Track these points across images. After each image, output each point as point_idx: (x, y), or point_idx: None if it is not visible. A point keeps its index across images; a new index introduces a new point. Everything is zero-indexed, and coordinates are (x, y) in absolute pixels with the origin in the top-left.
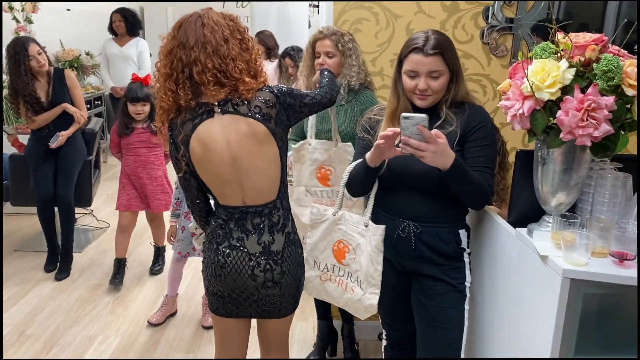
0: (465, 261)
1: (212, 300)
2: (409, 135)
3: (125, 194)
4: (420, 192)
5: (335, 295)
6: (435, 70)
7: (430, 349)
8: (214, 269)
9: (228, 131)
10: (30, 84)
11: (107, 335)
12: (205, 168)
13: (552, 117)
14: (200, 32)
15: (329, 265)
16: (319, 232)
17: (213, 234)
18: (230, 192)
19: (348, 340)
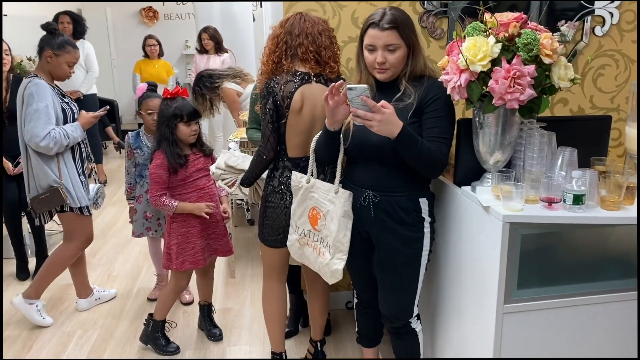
0: (425, 231)
1: (276, 239)
2: (356, 106)
3: (190, 247)
4: (378, 162)
5: (312, 260)
6: (391, 44)
7: (387, 309)
8: (289, 211)
9: (317, 95)
10: None
11: (85, 329)
12: (297, 118)
13: (485, 87)
14: (304, 25)
15: (305, 230)
16: (297, 198)
17: (282, 184)
18: (301, 143)
19: None
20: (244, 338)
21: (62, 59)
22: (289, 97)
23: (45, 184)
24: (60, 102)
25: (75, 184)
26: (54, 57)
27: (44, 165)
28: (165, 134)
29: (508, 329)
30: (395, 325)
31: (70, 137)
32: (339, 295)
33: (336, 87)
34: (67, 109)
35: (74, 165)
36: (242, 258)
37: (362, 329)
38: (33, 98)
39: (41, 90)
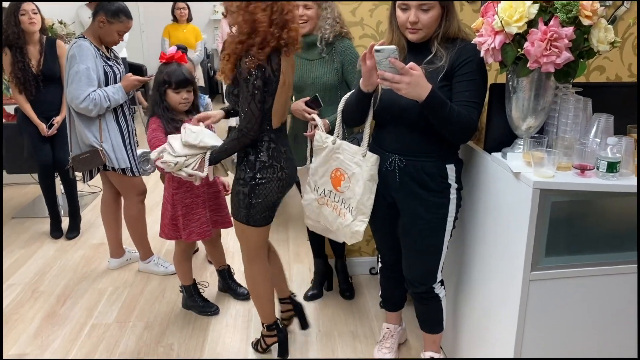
0: (451, 197)
1: (265, 216)
2: (384, 69)
3: (196, 218)
4: (405, 126)
5: (330, 219)
6: (425, 3)
7: (411, 274)
8: (281, 183)
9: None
10: (22, 38)
11: (116, 287)
12: (281, 92)
13: (519, 49)
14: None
15: (326, 190)
16: (320, 158)
17: (272, 157)
18: (283, 112)
19: (342, 275)
20: None
21: (114, 27)
22: (278, 70)
23: (86, 144)
24: (103, 65)
25: (116, 146)
26: (106, 24)
27: (85, 126)
28: (155, 99)
29: (534, 297)
30: (418, 290)
31: (112, 99)
32: (363, 261)
33: (371, 49)
34: (110, 72)
35: (115, 127)
36: None
37: (385, 293)
38: (75, 60)
39: (83, 52)
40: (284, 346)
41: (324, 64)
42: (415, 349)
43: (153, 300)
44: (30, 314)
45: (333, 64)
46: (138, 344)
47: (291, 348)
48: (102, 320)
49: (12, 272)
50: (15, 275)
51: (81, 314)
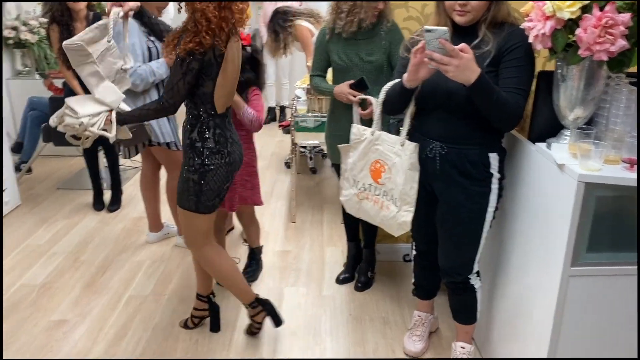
0: (492, 187)
1: (213, 203)
2: (432, 50)
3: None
4: (449, 112)
5: (372, 214)
6: None
7: (446, 263)
8: (229, 168)
9: (238, 47)
10: (67, 14)
11: (154, 260)
12: (225, 78)
13: (571, 35)
14: None
15: (366, 184)
16: (357, 151)
17: (218, 143)
18: (227, 99)
19: (366, 265)
20: (302, 280)
21: (153, 3)
22: (220, 57)
23: None
24: (147, 41)
25: (161, 121)
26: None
27: (131, 101)
28: None
29: (572, 293)
30: (453, 280)
31: (156, 74)
32: (396, 247)
33: (424, 28)
34: (153, 47)
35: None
36: (304, 205)
37: (419, 281)
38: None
39: (132, 27)
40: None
41: (371, 43)
42: (446, 339)
43: (188, 275)
44: (72, 282)
45: (381, 42)
46: (172, 317)
47: (320, 331)
48: (139, 292)
49: (55, 241)
50: (59, 244)
51: (119, 284)
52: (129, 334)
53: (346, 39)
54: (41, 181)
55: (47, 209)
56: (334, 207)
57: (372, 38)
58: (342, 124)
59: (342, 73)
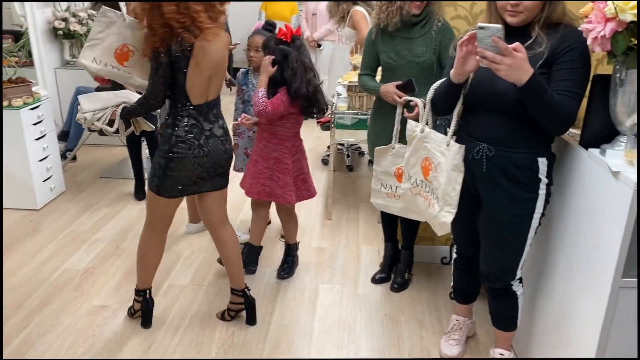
0: (540, 193)
1: (174, 189)
2: (485, 47)
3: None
4: (498, 113)
5: (422, 209)
6: None
7: (488, 269)
8: (197, 160)
9: (217, 42)
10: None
11: (192, 251)
12: (196, 72)
13: (633, 39)
14: None
15: (418, 180)
16: (411, 147)
17: (190, 132)
18: (202, 91)
19: (403, 267)
20: (337, 278)
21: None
22: (188, 51)
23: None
24: None
25: None
26: None
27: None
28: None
29: (622, 305)
30: (495, 286)
31: None
32: (435, 249)
33: (474, 35)
34: None
35: None
36: (340, 202)
37: (458, 285)
38: None
39: None
40: (147, 315)
41: (422, 42)
42: (484, 344)
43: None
44: (113, 268)
45: (431, 41)
46: (210, 308)
47: (355, 329)
48: (177, 282)
49: (98, 228)
50: (101, 231)
51: (159, 273)
52: (167, 322)
53: (396, 38)
54: (85, 169)
55: (90, 196)
56: (370, 205)
57: (421, 37)
58: (385, 123)
59: (391, 72)
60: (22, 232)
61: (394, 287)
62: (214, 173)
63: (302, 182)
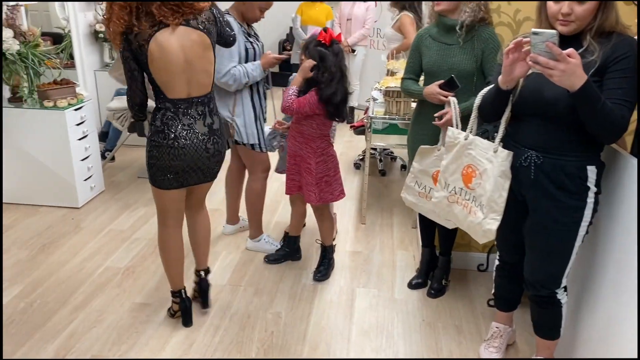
0: (588, 201)
1: (165, 179)
2: (538, 52)
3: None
4: (548, 120)
5: (460, 218)
6: None
7: (533, 276)
8: (173, 151)
9: (182, 38)
10: None
11: (230, 251)
12: (159, 66)
13: None
14: None
15: (457, 188)
16: (451, 154)
17: (164, 124)
18: (179, 86)
19: (440, 273)
20: (373, 282)
21: (255, 4)
22: (144, 47)
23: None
24: (245, 41)
25: (248, 122)
26: (248, 0)
27: (221, 99)
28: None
29: None
30: (540, 294)
31: (250, 75)
32: (470, 256)
33: (520, 43)
34: (251, 49)
35: (250, 103)
36: (373, 207)
37: (500, 292)
38: None
39: None
40: (186, 315)
41: (463, 49)
42: (524, 353)
43: (262, 268)
44: (153, 267)
45: (473, 50)
46: (248, 308)
47: (393, 334)
48: (216, 282)
49: (137, 227)
50: (140, 230)
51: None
52: (207, 322)
53: (438, 43)
54: (123, 169)
55: (129, 196)
56: (404, 210)
57: (464, 44)
58: (426, 127)
59: (431, 77)
60: (65, 230)
61: (431, 292)
62: (195, 167)
63: (326, 185)
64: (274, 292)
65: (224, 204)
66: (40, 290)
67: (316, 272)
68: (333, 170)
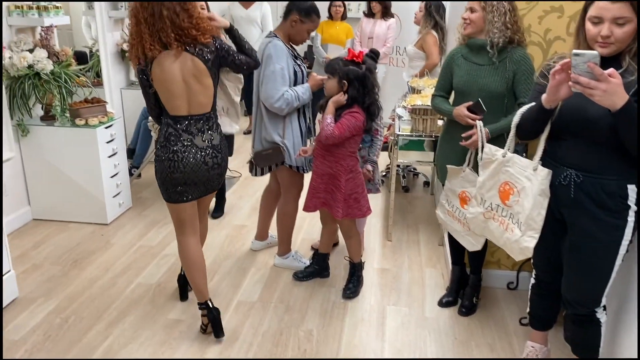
0: (628, 220)
1: (174, 192)
2: (579, 73)
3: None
4: (588, 139)
5: (496, 234)
6: (621, 17)
7: (572, 294)
8: (173, 164)
9: (181, 62)
10: None
11: (258, 268)
12: (160, 86)
13: None
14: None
15: (493, 204)
16: (488, 171)
17: (167, 140)
18: (178, 105)
19: (471, 291)
20: (403, 300)
21: (305, 27)
22: (147, 68)
23: (269, 141)
24: (293, 64)
25: (297, 144)
26: (298, 23)
27: (272, 123)
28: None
29: None
30: (578, 312)
31: (301, 99)
32: (500, 274)
33: (567, 64)
34: (299, 71)
35: (298, 126)
36: (398, 223)
37: (536, 311)
38: (271, 59)
39: (279, 52)
40: (216, 326)
41: (494, 70)
42: None
43: (292, 285)
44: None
45: (505, 71)
46: (280, 325)
47: (427, 352)
48: (247, 298)
49: (166, 243)
50: (169, 246)
51: (228, 289)
52: (239, 339)
53: (469, 62)
54: (148, 186)
55: (156, 212)
56: (430, 227)
57: (495, 65)
58: (454, 146)
59: (461, 96)
60: (95, 246)
61: (462, 311)
62: (196, 180)
63: (354, 201)
64: (304, 310)
65: (250, 219)
66: (74, 306)
67: (345, 289)
68: (361, 187)
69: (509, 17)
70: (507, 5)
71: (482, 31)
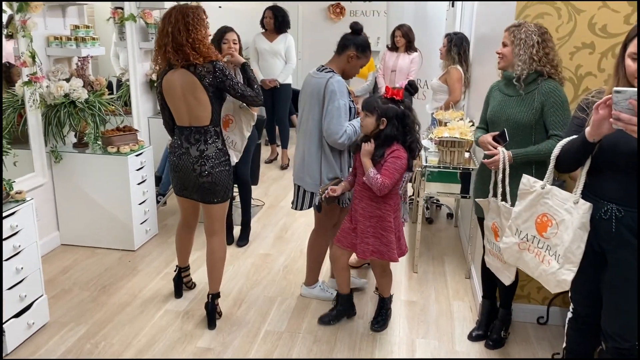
0: None
1: (174, 186)
2: (620, 110)
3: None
4: (628, 173)
5: (531, 265)
6: None
7: (613, 328)
8: (172, 166)
9: (181, 78)
10: None
11: (285, 297)
12: (167, 98)
13: None
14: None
15: (529, 235)
16: (525, 202)
17: (172, 144)
18: (182, 116)
19: (499, 324)
20: (432, 333)
21: (360, 62)
22: (159, 84)
23: (331, 176)
24: (348, 99)
25: (344, 177)
26: (354, 59)
27: (333, 158)
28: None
29: None
30: (620, 346)
31: (357, 133)
32: (530, 308)
33: (609, 101)
34: (352, 106)
35: (347, 158)
36: (423, 255)
37: (572, 346)
38: (335, 95)
39: (342, 88)
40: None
41: (522, 102)
42: None
43: (319, 314)
44: None
45: (532, 103)
46: (309, 356)
47: None
48: (274, 328)
49: (193, 270)
50: (195, 274)
51: (255, 318)
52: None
53: (501, 93)
54: (173, 213)
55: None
56: (455, 259)
57: (523, 96)
58: (485, 177)
59: (492, 126)
60: (123, 272)
61: (489, 344)
62: (187, 182)
63: (398, 240)
64: (332, 342)
65: (274, 248)
66: (104, 332)
67: (374, 322)
68: (402, 224)
69: (537, 50)
70: (536, 38)
71: (512, 65)
